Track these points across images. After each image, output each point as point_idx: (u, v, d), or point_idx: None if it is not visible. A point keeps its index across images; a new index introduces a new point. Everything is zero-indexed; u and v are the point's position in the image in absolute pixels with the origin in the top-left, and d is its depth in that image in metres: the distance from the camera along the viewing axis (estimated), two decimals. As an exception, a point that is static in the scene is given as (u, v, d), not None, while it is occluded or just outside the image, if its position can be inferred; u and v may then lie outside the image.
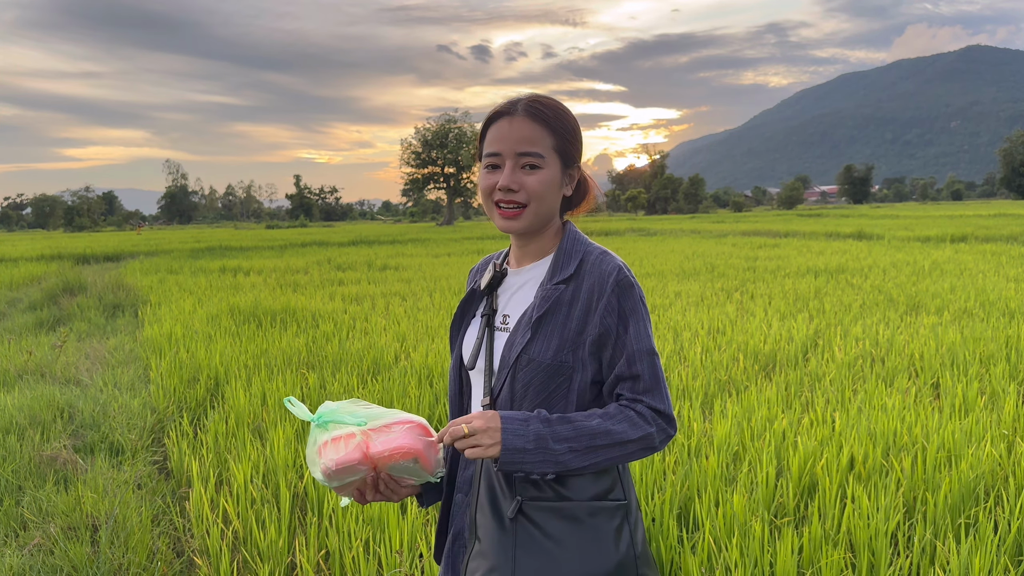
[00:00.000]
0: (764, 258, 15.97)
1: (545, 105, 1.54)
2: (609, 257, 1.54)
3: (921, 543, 2.94)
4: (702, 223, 42.46)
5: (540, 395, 1.50)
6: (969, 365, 5.51)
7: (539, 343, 1.50)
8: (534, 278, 1.60)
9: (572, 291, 1.51)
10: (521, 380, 1.50)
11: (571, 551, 1.43)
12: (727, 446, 3.90)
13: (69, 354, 7.52)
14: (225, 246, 28.56)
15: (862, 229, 26.31)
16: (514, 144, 1.52)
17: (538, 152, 1.52)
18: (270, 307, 9.62)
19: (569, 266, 1.54)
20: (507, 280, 1.64)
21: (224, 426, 4.68)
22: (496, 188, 1.53)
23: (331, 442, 1.52)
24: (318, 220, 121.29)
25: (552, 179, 1.53)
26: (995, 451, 3.64)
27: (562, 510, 1.45)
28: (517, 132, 1.52)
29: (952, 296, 9.01)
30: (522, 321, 1.54)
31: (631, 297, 1.51)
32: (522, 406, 1.50)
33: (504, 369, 1.53)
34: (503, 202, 1.54)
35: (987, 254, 15.26)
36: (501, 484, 1.48)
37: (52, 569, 3.11)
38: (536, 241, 1.61)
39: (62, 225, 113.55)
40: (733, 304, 9.15)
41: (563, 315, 1.50)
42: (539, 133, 1.52)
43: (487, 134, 1.56)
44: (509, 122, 1.53)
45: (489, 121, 1.57)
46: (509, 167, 1.52)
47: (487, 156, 1.55)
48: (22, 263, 21.28)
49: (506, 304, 1.62)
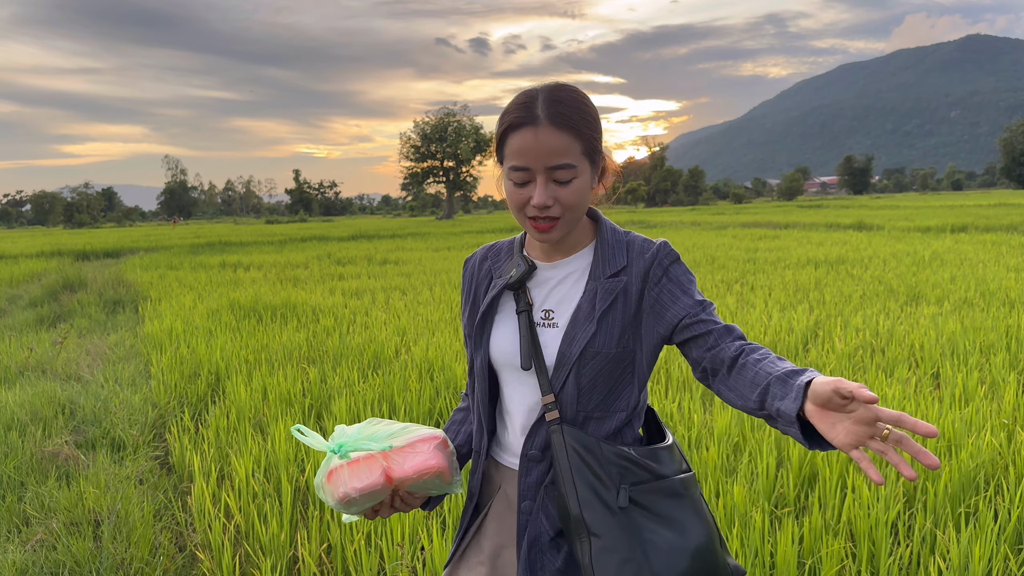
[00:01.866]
0: (764, 249, 15.96)
1: (568, 106, 1.43)
2: (651, 241, 1.56)
3: (921, 532, 2.95)
4: (702, 215, 42.44)
5: (608, 384, 1.51)
6: (969, 355, 5.52)
7: (602, 335, 1.49)
8: (576, 271, 1.56)
9: (626, 281, 1.52)
10: (587, 374, 1.49)
11: (686, 525, 1.47)
12: (727, 437, 3.91)
13: (70, 350, 7.53)
14: (225, 241, 28.56)
15: (862, 220, 26.29)
16: (544, 158, 1.42)
17: (570, 163, 1.43)
18: (270, 302, 9.62)
19: (619, 257, 1.53)
20: (539, 275, 1.58)
21: (225, 421, 4.68)
22: (529, 204, 1.45)
23: (347, 466, 1.46)
24: (318, 215, 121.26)
25: (585, 186, 1.47)
26: (995, 440, 3.64)
27: (664, 488, 1.49)
28: (545, 144, 1.41)
29: (952, 286, 9.01)
30: (579, 316, 1.50)
31: (679, 265, 1.53)
32: (591, 399, 1.50)
33: (565, 365, 1.49)
34: (539, 216, 1.46)
35: (987, 244, 15.25)
36: (600, 477, 1.46)
37: (55, 564, 3.12)
38: (569, 236, 1.57)
39: (62, 222, 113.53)
40: (733, 296, 9.15)
41: (621, 304, 1.51)
42: (567, 141, 1.42)
43: (509, 141, 1.45)
44: (535, 133, 1.41)
45: (509, 128, 1.44)
46: (541, 182, 1.43)
47: (514, 170, 1.45)
48: (22, 260, 21.30)
49: (544, 299, 1.56)
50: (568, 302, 1.54)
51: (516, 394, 1.57)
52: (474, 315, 1.63)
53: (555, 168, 1.42)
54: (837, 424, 1.20)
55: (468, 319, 1.66)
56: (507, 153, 1.46)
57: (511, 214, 1.51)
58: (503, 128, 1.46)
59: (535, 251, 1.60)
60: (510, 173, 1.46)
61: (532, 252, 1.61)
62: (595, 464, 1.46)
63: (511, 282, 1.57)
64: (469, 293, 1.68)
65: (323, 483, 1.48)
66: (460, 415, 1.77)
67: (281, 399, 5.08)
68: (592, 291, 1.51)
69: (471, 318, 1.64)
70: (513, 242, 1.67)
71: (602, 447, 1.47)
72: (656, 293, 1.51)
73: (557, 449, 1.47)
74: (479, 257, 1.70)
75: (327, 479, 1.47)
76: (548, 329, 1.53)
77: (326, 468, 1.48)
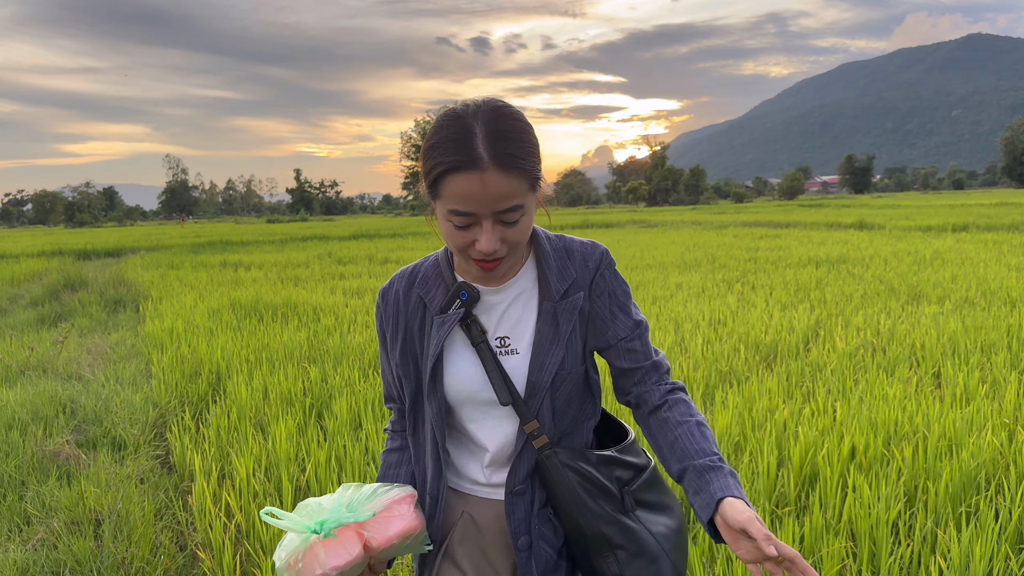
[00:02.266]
0: (765, 249, 15.96)
1: (513, 142, 1.29)
2: (590, 244, 1.51)
3: (922, 532, 2.94)
4: (703, 214, 42.43)
5: (579, 400, 1.50)
6: (970, 354, 5.51)
7: (571, 356, 1.46)
8: (523, 291, 1.48)
9: (576, 300, 1.47)
10: (561, 397, 1.46)
11: (672, 506, 1.54)
12: (728, 437, 3.91)
13: (71, 349, 7.54)
14: (226, 241, 28.58)
15: (863, 219, 26.27)
16: (492, 204, 1.29)
17: (518, 204, 1.32)
18: (271, 301, 9.63)
19: (566, 269, 1.48)
20: (484, 300, 1.48)
21: (226, 420, 4.69)
22: (476, 248, 1.34)
23: (321, 544, 1.33)
24: (319, 214, 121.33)
25: (531, 218, 1.38)
26: (996, 440, 3.64)
27: (649, 480, 1.52)
28: (493, 191, 1.28)
29: (953, 285, 9.00)
30: (542, 340, 1.44)
31: (618, 276, 1.51)
32: (564, 419, 1.48)
33: (538, 393, 1.44)
34: (483, 262, 1.37)
35: (988, 243, 15.24)
36: (603, 488, 1.46)
37: (56, 563, 3.12)
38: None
39: (63, 221, 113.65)
40: (734, 295, 9.15)
41: (578, 318, 1.47)
42: (515, 184, 1.30)
43: (447, 183, 1.29)
44: (480, 179, 1.27)
45: (448, 170, 1.28)
46: (488, 227, 1.32)
47: (455, 213, 1.31)
48: (23, 259, 21.31)
49: (496, 325, 1.47)
50: (523, 325, 1.47)
51: (485, 428, 1.49)
52: (412, 352, 1.50)
53: (503, 211, 1.31)
54: (740, 540, 1.29)
55: (403, 358, 1.51)
56: (445, 195, 1.31)
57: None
58: (439, 169, 1.29)
59: (468, 276, 1.49)
60: (451, 216, 1.32)
61: (468, 276, 1.49)
62: (594, 477, 1.45)
63: (446, 311, 1.46)
64: (397, 328, 1.52)
65: (293, 566, 1.32)
66: (394, 456, 1.62)
67: (282, 398, 5.09)
68: (550, 312, 1.45)
69: (407, 356, 1.50)
70: (436, 264, 1.53)
71: (590, 457, 1.47)
72: (599, 307, 1.49)
73: (554, 473, 1.43)
74: (402, 288, 1.53)
75: (301, 561, 1.32)
76: (509, 357, 1.45)
77: (295, 549, 1.34)
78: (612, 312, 1.49)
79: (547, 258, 1.48)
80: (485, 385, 1.45)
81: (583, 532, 1.42)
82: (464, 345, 1.47)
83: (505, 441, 1.48)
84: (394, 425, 1.65)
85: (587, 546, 1.43)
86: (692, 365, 5.50)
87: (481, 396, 1.46)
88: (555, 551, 1.48)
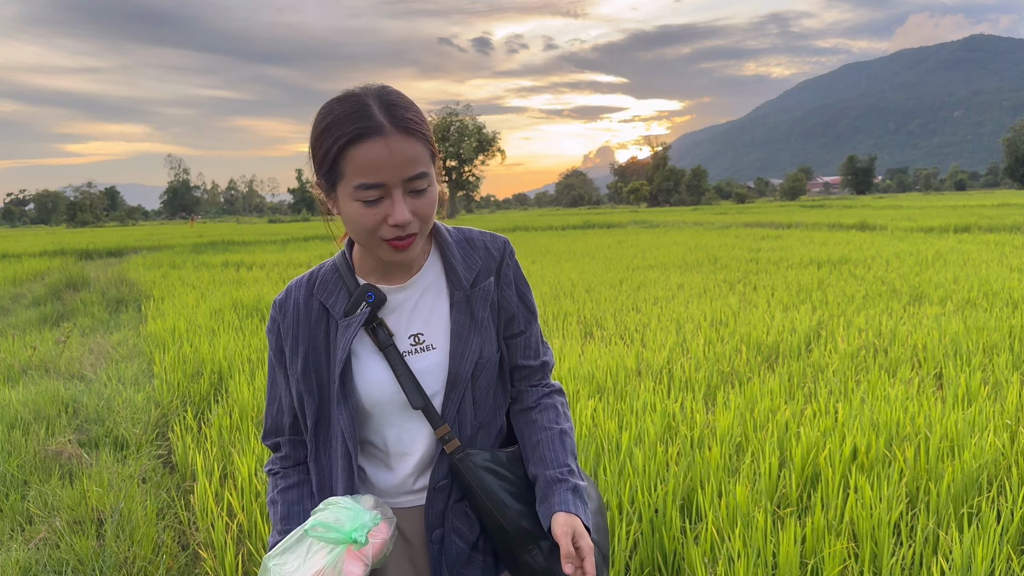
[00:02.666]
0: (767, 249, 15.95)
1: (408, 109, 1.30)
2: (490, 234, 1.52)
3: (924, 533, 2.94)
4: (705, 215, 42.41)
5: (493, 389, 1.49)
6: (972, 355, 5.51)
7: (488, 343, 1.46)
8: (431, 285, 1.46)
9: (488, 287, 1.47)
10: (481, 386, 1.45)
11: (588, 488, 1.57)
12: (730, 437, 3.90)
13: (73, 349, 7.54)
14: (227, 240, 28.60)
15: (865, 220, 26.25)
16: (400, 170, 1.27)
17: (424, 171, 1.30)
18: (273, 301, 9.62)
19: (471, 258, 1.47)
20: (389, 301, 1.43)
21: (228, 420, 4.69)
22: (385, 224, 1.30)
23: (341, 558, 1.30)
24: (320, 214, 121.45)
25: (436, 193, 1.35)
26: (998, 441, 3.64)
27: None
28: (399, 155, 1.26)
29: (955, 286, 9.00)
30: (459, 330, 1.43)
31: (519, 268, 1.53)
32: (484, 408, 1.47)
33: (460, 385, 1.42)
34: (398, 236, 1.32)
35: (990, 244, 15.23)
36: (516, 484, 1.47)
37: (58, 563, 3.12)
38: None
39: (65, 221, 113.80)
40: (736, 296, 9.15)
41: (489, 306, 1.47)
42: (418, 149, 1.29)
43: (350, 157, 1.26)
44: (386, 144, 1.25)
45: (350, 141, 1.26)
46: (398, 197, 1.29)
47: (364, 188, 1.27)
48: (25, 259, 21.34)
49: (407, 324, 1.43)
50: (436, 319, 1.44)
51: (400, 434, 1.45)
52: (316, 363, 1.43)
53: (412, 179, 1.29)
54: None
55: (304, 371, 1.43)
56: (349, 171, 1.28)
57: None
58: (340, 143, 1.26)
59: (372, 276, 1.45)
60: (358, 193, 1.28)
61: (368, 278, 1.45)
62: (507, 475, 1.46)
63: (348, 315, 1.41)
64: (298, 341, 1.44)
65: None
66: (294, 493, 1.51)
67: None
68: (463, 301, 1.44)
69: (309, 369, 1.43)
70: (335, 269, 1.48)
71: (501, 457, 1.48)
72: (507, 296, 1.50)
73: (468, 475, 1.42)
74: (301, 296, 1.47)
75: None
76: (425, 354, 1.42)
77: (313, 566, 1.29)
78: (516, 303, 1.51)
79: (450, 248, 1.46)
80: (396, 390, 1.41)
81: (504, 529, 1.42)
82: (372, 351, 1.42)
83: (423, 444, 1.46)
84: (283, 461, 1.52)
85: (510, 542, 1.43)
86: (694, 365, 5.50)
87: (396, 400, 1.42)
88: (468, 544, 1.48)
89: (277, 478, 1.52)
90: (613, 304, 8.75)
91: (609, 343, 6.63)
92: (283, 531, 1.46)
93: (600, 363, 5.48)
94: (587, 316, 8.06)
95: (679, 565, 2.92)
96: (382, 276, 1.44)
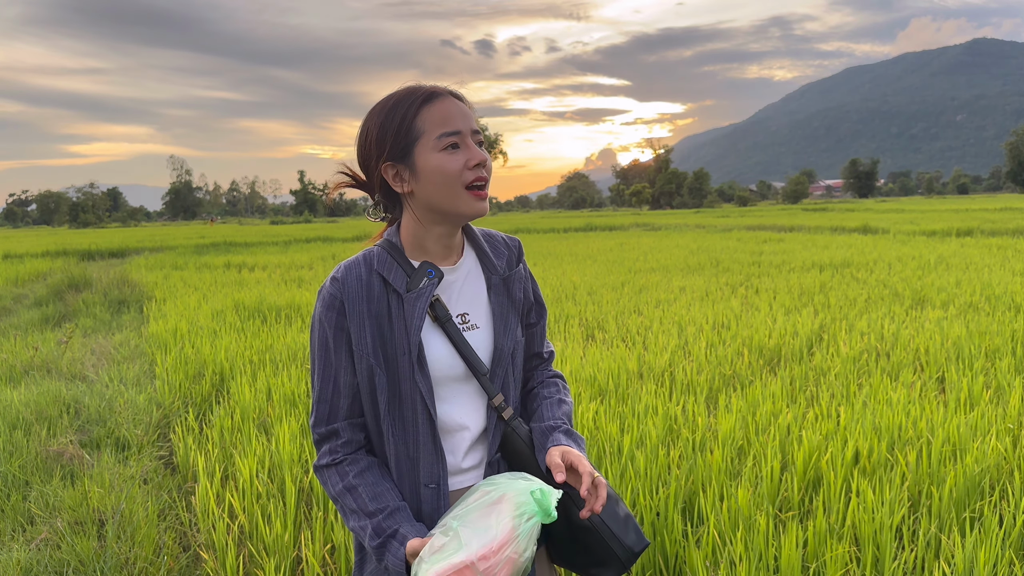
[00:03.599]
0: (769, 252, 15.94)
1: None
2: (504, 234, 1.65)
3: (926, 537, 2.94)
4: (707, 217, 42.40)
5: (520, 369, 1.61)
6: (975, 359, 5.50)
7: (520, 324, 1.59)
8: (471, 269, 1.56)
9: (520, 271, 1.61)
10: (518, 365, 1.57)
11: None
12: (732, 440, 3.90)
13: (75, 350, 7.55)
14: (229, 242, 28.61)
15: (867, 223, 26.23)
16: (467, 121, 1.45)
17: (479, 130, 1.49)
18: (275, 303, 9.64)
19: (499, 249, 1.59)
20: (444, 280, 1.52)
21: (230, 421, 4.69)
22: (468, 167, 1.42)
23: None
24: (322, 216, 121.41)
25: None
26: (1000, 445, 3.63)
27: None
28: (465, 111, 1.45)
29: (958, 290, 8.98)
30: (500, 310, 1.54)
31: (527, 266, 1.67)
32: (518, 387, 1.60)
33: (503, 362, 1.52)
34: (479, 179, 1.43)
35: (993, 248, 15.21)
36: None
37: (59, 563, 3.12)
38: (459, 233, 1.55)
39: (67, 221, 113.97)
40: (738, 299, 9.14)
41: (515, 295, 1.59)
42: (470, 113, 1.48)
43: (425, 114, 1.42)
44: (451, 101, 1.44)
45: (424, 101, 1.42)
46: (471, 143, 1.44)
47: (446, 135, 1.41)
48: (27, 259, 21.36)
49: (455, 303, 1.51)
50: (478, 301, 1.54)
51: (456, 407, 1.49)
52: (385, 337, 1.45)
53: (476, 132, 1.45)
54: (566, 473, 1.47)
55: (375, 346, 1.45)
56: (427, 127, 1.41)
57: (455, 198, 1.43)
58: (414, 107, 1.42)
59: (428, 257, 1.52)
60: (440, 141, 1.41)
61: (424, 259, 1.52)
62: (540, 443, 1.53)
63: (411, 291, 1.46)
64: (364, 317, 1.45)
65: (497, 560, 1.21)
66: (372, 474, 1.47)
67: (285, 400, 5.09)
68: (500, 284, 1.55)
69: (379, 342, 1.45)
70: (384, 252, 1.51)
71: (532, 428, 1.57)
72: (527, 286, 1.62)
73: (525, 441, 1.52)
74: (362, 274, 1.49)
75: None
76: (472, 332, 1.51)
77: (491, 536, 1.24)
78: (533, 296, 1.64)
79: (479, 240, 1.58)
80: (457, 360, 1.47)
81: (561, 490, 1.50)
82: (431, 325, 1.48)
83: (479, 416, 1.52)
84: (345, 448, 1.48)
85: (565, 503, 1.48)
86: (696, 369, 5.49)
87: (455, 372, 1.48)
88: None
89: (344, 465, 1.47)
90: (615, 307, 8.74)
91: (611, 346, 6.63)
92: (375, 511, 1.42)
93: (602, 366, 5.48)
94: (589, 318, 8.05)
95: (681, 568, 2.91)
96: (437, 258, 1.53)
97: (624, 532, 1.43)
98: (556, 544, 1.52)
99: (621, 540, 1.42)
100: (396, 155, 1.43)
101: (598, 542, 1.43)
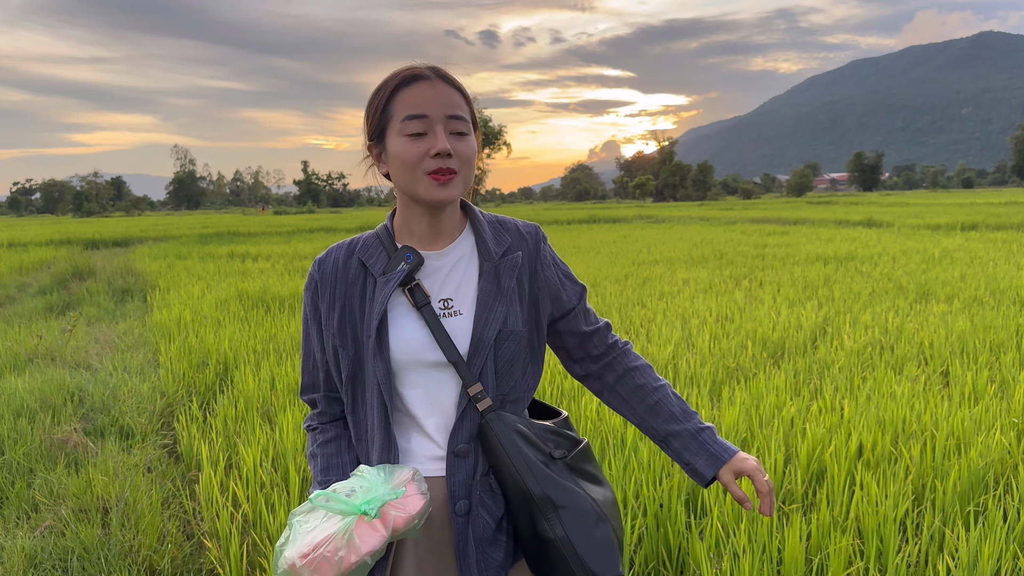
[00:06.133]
0: (773, 245, 15.91)
1: (453, 76, 1.46)
2: (522, 221, 1.60)
3: (930, 530, 2.93)
4: (711, 210, 42.33)
5: (521, 365, 1.52)
6: (979, 353, 5.49)
7: (513, 315, 1.49)
8: (463, 255, 1.52)
9: (521, 258, 1.54)
10: (504, 356, 1.47)
11: (604, 481, 1.61)
12: (735, 433, 3.90)
13: (79, 338, 7.56)
14: (233, 232, 28.64)
15: (872, 217, 26.17)
16: (442, 106, 1.40)
17: (463, 115, 1.43)
18: (278, 292, 9.64)
19: (502, 235, 1.54)
20: (427, 265, 1.50)
21: (233, 410, 4.70)
22: (430, 155, 1.39)
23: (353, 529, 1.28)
24: (325, 206, 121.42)
25: (475, 149, 1.46)
26: (1004, 439, 3.63)
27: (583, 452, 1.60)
28: (442, 94, 1.41)
29: (962, 284, 8.96)
30: (485, 297, 1.47)
31: (552, 249, 1.62)
32: (507, 381, 1.49)
33: (482, 351, 1.45)
34: (440, 169, 1.40)
35: (998, 242, 15.17)
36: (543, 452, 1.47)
37: (63, 551, 3.13)
38: (450, 217, 1.51)
39: (71, 210, 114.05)
40: (742, 291, 9.13)
41: (518, 283, 1.52)
42: (459, 99, 1.44)
43: (399, 98, 1.41)
44: (431, 85, 1.41)
45: (400, 84, 1.42)
46: (440, 131, 1.40)
47: (410, 119, 1.39)
48: (32, 248, 21.39)
49: (439, 288, 1.49)
50: (466, 287, 1.50)
51: (426, 393, 1.47)
52: (352, 319, 1.48)
53: (452, 118, 1.41)
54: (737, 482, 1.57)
55: (340, 327, 1.49)
56: (397, 110, 1.41)
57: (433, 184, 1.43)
58: (391, 88, 1.42)
59: (414, 241, 1.51)
60: (404, 126, 1.40)
61: (411, 242, 1.52)
62: (536, 441, 1.48)
63: (385, 274, 1.47)
64: (335, 298, 1.50)
65: (311, 561, 1.25)
66: (332, 446, 1.55)
67: (289, 389, 5.09)
68: (491, 271, 1.50)
69: (345, 324, 1.48)
70: (376, 236, 1.54)
71: (533, 425, 1.50)
72: (549, 275, 1.57)
73: (499, 435, 1.44)
74: (341, 256, 1.53)
75: (342, 549, 1.26)
76: (453, 318, 1.47)
77: (323, 539, 1.26)
78: (560, 280, 1.59)
79: (482, 226, 1.54)
80: (430, 345, 1.44)
81: (529, 494, 1.42)
82: (408, 309, 1.47)
83: (447, 405, 1.47)
84: (320, 417, 1.58)
85: (531, 509, 1.42)
86: (699, 361, 5.48)
87: (425, 357, 1.45)
88: (495, 521, 1.47)
89: (315, 433, 1.58)
90: (619, 299, 8.74)
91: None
92: (323, 482, 1.51)
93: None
94: (592, 310, 8.05)
95: (684, 560, 2.92)
96: (420, 243, 1.51)
97: (592, 555, 1.40)
98: (530, 555, 1.48)
99: (584, 562, 1.39)
100: (375, 137, 1.47)
101: (560, 559, 1.40)
